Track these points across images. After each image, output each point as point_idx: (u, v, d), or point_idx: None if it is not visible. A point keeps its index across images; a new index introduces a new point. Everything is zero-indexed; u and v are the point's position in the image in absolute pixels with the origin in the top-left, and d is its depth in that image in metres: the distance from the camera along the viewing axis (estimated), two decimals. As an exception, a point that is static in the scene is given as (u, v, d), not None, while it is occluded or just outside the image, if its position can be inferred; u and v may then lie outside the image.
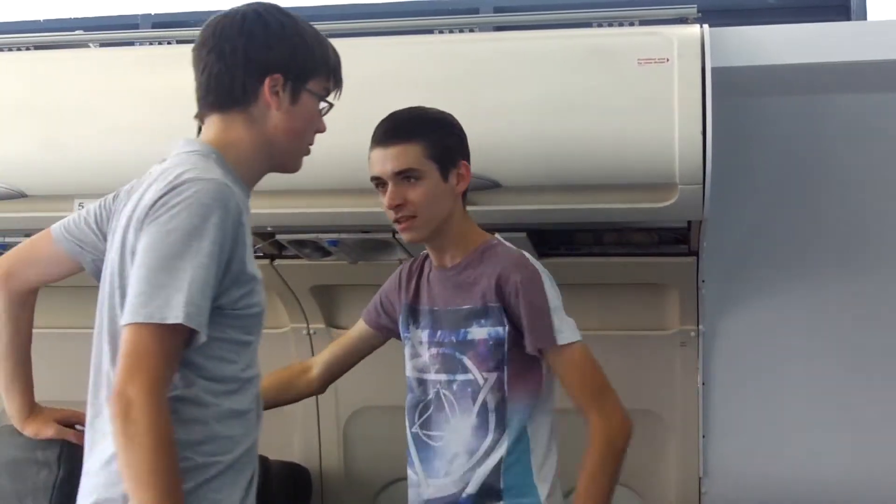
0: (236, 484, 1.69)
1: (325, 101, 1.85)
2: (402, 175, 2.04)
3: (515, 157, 2.26)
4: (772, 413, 2.79)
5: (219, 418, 1.66)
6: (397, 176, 2.04)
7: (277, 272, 2.77)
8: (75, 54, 2.65)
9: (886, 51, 2.39)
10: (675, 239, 2.49)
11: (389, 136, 2.06)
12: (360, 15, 3.01)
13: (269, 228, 2.52)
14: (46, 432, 1.99)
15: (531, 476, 2.08)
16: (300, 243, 2.60)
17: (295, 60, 1.80)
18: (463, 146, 2.11)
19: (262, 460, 1.89)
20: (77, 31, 2.87)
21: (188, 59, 1.81)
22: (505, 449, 2.07)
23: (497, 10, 3.00)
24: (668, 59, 2.23)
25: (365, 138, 2.07)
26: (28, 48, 2.71)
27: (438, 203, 2.06)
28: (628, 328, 2.72)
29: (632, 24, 2.41)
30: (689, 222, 2.35)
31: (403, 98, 2.21)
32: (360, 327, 2.32)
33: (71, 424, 2.02)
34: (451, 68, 2.38)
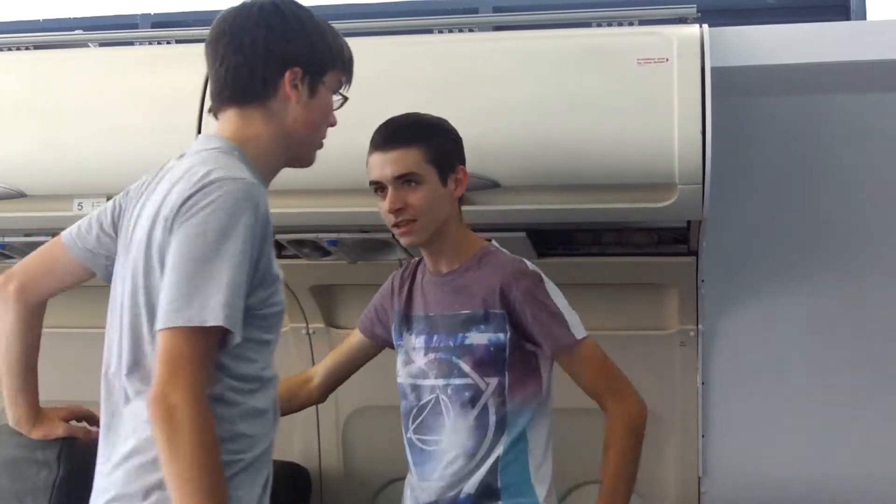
0: (255, 482, 1.69)
1: (340, 94, 1.85)
2: (403, 179, 2.04)
3: (515, 157, 2.26)
4: (771, 413, 2.79)
5: (242, 417, 1.65)
6: (398, 180, 2.04)
7: (277, 272, 2.76)
8: (75, 54, 2.66)
9: (886, 51, 2.39)
10: (675, 239, 2.49)
11: (389, 140, 2.06)
12: (359, 14, 3.01)
13: (268, 228, 2.52)
14: (56, 432, 1.98)
15: (529, 476, 2.08)
16: (299, 243, 2.60)
17: (314, 54, 1.79)
18: (460, 151, 2.11)
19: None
20: (76, 31, 2.88)
21: (188, 59, 1.81)
22: (502, 449, 2.07)
23: (496, 9, 3.01)
24: (667, 59, 2.23)
25: (364, 138, 2.07)
26: (27, 48, 2.71)
27: (437, 207, 2.07)
28: (628, 328, 2.72)
29: (631, 23, 2.42)
30: (689, 222, 2.35)
31: (403, 98, 2.22)
32: (356, 337, 2.32)
33: (76, 419, 2.02)
34: (450, 68, 2.38)
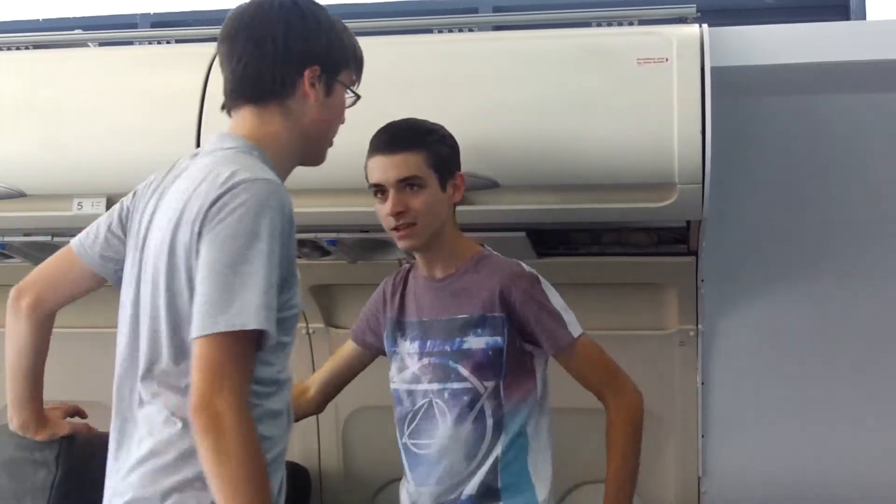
0: (272, 485, 1.68)
1: (354, 92, 1.85)
2: (406, 183, 2.05)
3: (514, 157, 2.25)
4: (771, 413, 2.79)
5: (260, 419, 1.64)
6: (400, 183, 2.05)
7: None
8: (74, 54, 2.66)
9: (885, 50, 2.39)
10: (675, 238, 2.49)
11: (393, 144, 2.06)
12: (359, 14, 3.01)
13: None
14: (62, 431, 1.98)
15: (528, 475, 2.09)
16: (299, 243, 2.57)
17: (331, 52, 1.79)
18: (458, 158, 2.12)
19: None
20: (76, 31, 2.88)
21: (188, 59, 1.80)
22: (501, 449, 2.08)
23: (496, 9, 3.01)
24: (667, 59, 2.23)
25: (364, 138, 2.07)
26: (27, 47, 2.71)
27: (437, 211, 2.07)
28: (627, 328, 2.72)
29: (631, 23, 2.42)
30: (689, 222, 2.35)
31: (402, 98, 2.22)
32: (350, 346, 2.32)
33: (70, 416, 2.03)
34: (450, 68, 2.38)
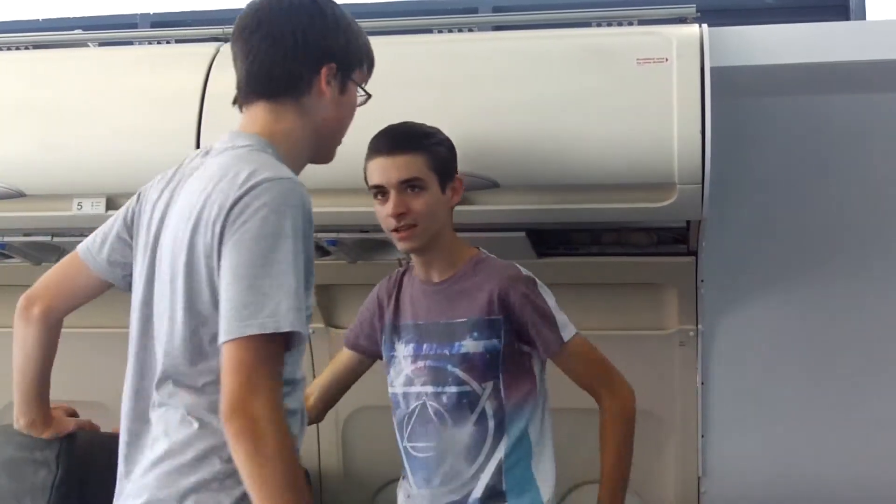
0: None
1: (365, 91, 1.84)
2: (407, 184, 2.05)
3: (514, 157, 2.25)
4: (771, 413, 2.79)
5: None
6: (402, 185, 2.05)
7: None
8: (74, 54, 2.65)
9: (885, 51, 2.39)
10: (674, 239, 2.49)
11: (393, 146, 2.06)
12: (359, 14, 2.99)
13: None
14: (68, 428, 1.99)
15: (532, 478, 2.10)
16: (299, 243, 2.59)
17: (348, 50, 1.78)
18: (456, 161, 2.13)
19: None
20: (76, 31, 2.88)
21: (187, 59, 1.80)
22: (504, 451, 2.08)
23: (496, 9, 3.01)
24: (667, 59, 2.23)
25: (364, 138, 2.07)
26: (27, 47, 2.71)
27: (437, 213, 2.08)
28: (627, 328, 2.72)
29: (631, 23, 2.42)
30: (688, 222, 2.35)
31: (402, 98, 2.21)
32: (345, 354, 2.32)
33: (73, 414, 2.04)
34: (450, 68, 2.38)
